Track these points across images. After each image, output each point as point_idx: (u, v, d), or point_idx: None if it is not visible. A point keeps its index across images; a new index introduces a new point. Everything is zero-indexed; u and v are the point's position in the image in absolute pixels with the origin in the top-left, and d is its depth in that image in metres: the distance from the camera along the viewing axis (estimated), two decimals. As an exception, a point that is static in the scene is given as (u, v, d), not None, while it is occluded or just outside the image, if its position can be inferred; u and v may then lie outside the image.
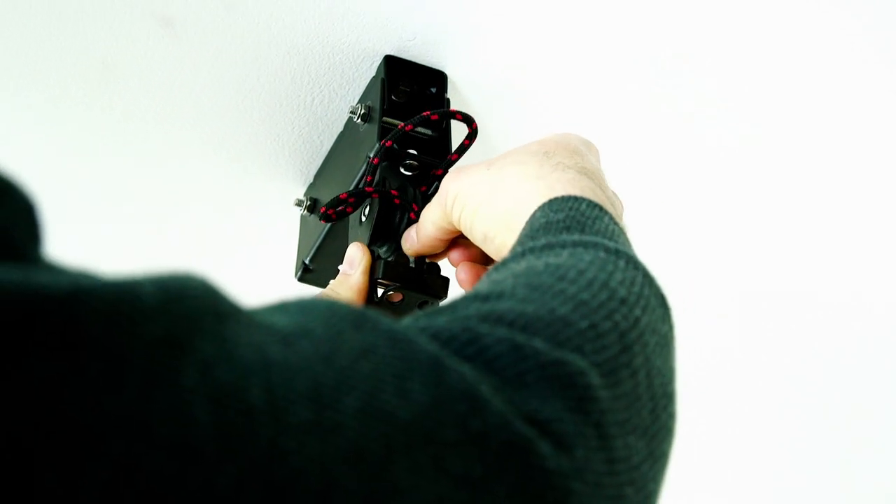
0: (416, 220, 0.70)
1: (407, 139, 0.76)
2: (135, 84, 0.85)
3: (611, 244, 0.50)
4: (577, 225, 0.53)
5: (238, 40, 0.80)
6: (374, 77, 0.81)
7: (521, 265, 0.48)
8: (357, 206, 0.72)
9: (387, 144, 0.71)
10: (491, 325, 0.42)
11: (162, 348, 0.31)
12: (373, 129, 0.77)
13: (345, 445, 0.33)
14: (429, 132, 0.78)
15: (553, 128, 0.85)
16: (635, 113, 0.85)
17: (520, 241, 0.53)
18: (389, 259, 0.71)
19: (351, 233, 0.76)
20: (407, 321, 0.43)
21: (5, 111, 0.89)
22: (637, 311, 0.46)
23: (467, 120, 0.71)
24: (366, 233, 0.73)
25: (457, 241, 0.68)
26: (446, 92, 0.80)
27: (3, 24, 0.81)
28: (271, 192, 0.93)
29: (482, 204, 0.61)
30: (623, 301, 0.45)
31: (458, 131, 0.80)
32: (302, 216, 0.91)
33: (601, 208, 0.55)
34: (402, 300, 0.71)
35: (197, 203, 0.97)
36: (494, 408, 0.37)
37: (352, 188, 0.77)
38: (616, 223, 0.55)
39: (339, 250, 0.84)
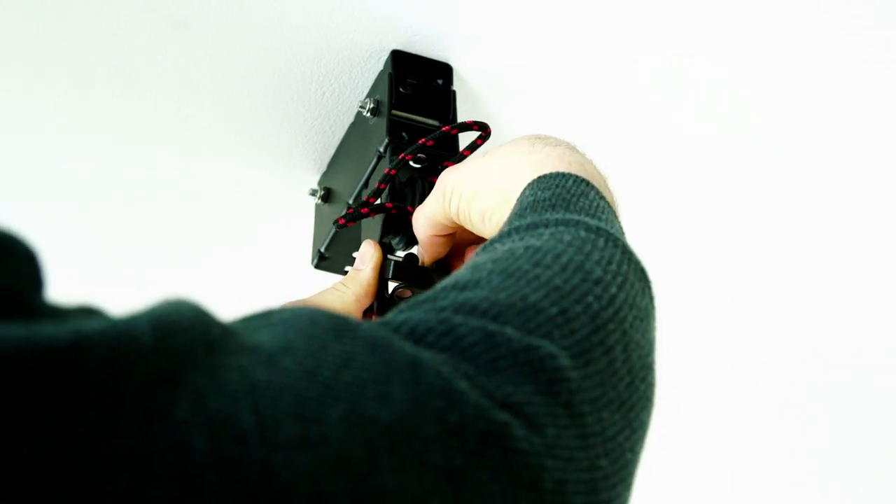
0: None
1: (417, 131, 0.79)
2: (152, 84, 0.88)
3: (592, 222, 0.52)
4: (562, 202, 0.55)
5: (250, 39, 0.83)
6: (381, 71, 0.83)
7: (505, 246, 0.51)
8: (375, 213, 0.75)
9: (407, 158, 0.74)
10: (465, 315, 0.44)
11: (157, 384, 0.34)
12: (382, 122, 0.80)
13: (331, 455, 0.36)
14: (436, 123, 0.81)
15: (559, 117, 0.88)
16: (642, 106, 0.87)
17: (508, 221, 0.55)
18: (399, 258, 0.74)
19: (364, 223, 0.79)
20: (390, 315, 0.46)
21: (28, 109, 0.92)
22: (613, 289, 0.48)
23: (482, 127, 0.74)
24: (378, 225, 0.76)
25: (464, 252, 0.71)
26: (452, 84, 0.83)
27: (20, 26, 0.84)
28: (286, 181, 0.96)
29: (478, 188, 0.64)
30: (598, 281, 0.48)
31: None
32: (316, 205, 0.94)
33: (587, 183, 0.57)
34: (412, 296, 0.74)
35: (215, 194, 1.00)
36: (470, 399, 0.40)
37: (359, 190, 0.80)
38: (602, 197, 0.57)
39: (354, 238, 0.87)
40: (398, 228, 0.75)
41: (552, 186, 0.57)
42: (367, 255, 0.74)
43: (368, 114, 0.82)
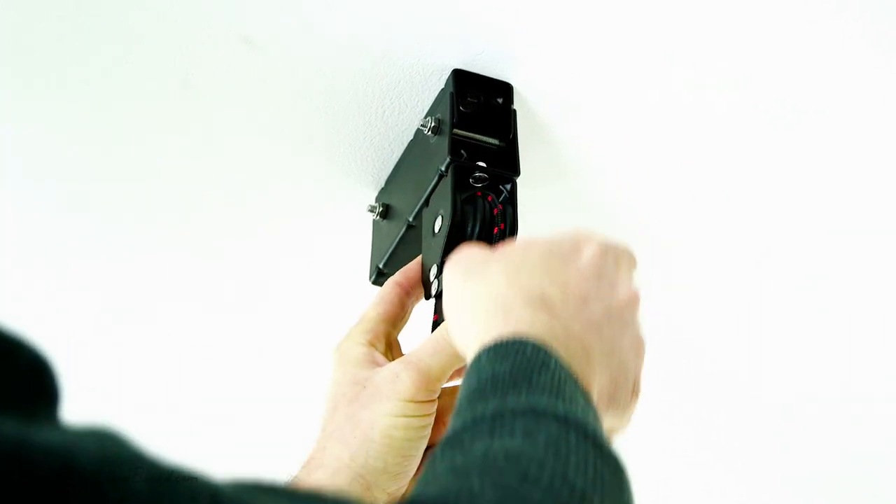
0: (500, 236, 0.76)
1: (477, 150, 0.80)
2: (215, 99, 0.89)
3: (560, 408, 0.51)
4: (523, 378, 0.53)
5: (314, 57, 0.84)
6: (442, 90, 0.84)
7: (478, 449, 0.49)
8: None
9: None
10: None
11: None
12: (443, 141, 0.81)
13: None
14: (496, 142, 0.81)
15: (618, 135, 0.89)
16: (703, 124, 0.87)
17: (468, 399, 0.53)
18: None
19: (424, 242, 0.80)
20: None
21: (94, 126, 0.94)
22: (595, 502, 0.48)
23: None
24: (439, 244, 0.76)
25: None
26: (512, 103, 0.83)
27: (84, 43, 0.86)
28: (345, 196, 0.97)
29: (450, 323, 0.64)
30: (583, 496, 0.47)
31: (526, 141, 0.84)
32: (374, 221, 0.95)
33: (547, 352, 0.55)
34: None
35: (273, 209, 1.02)
36: None
37: (419, 208, 0.83)
38: (562, 367, 0.55)
39: (413, 255, 0.88)
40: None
41: (510, 355, 0.55)
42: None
43: (429, 132, 0.82)
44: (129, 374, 1.23)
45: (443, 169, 0.79)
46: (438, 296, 0.76)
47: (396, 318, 0.79)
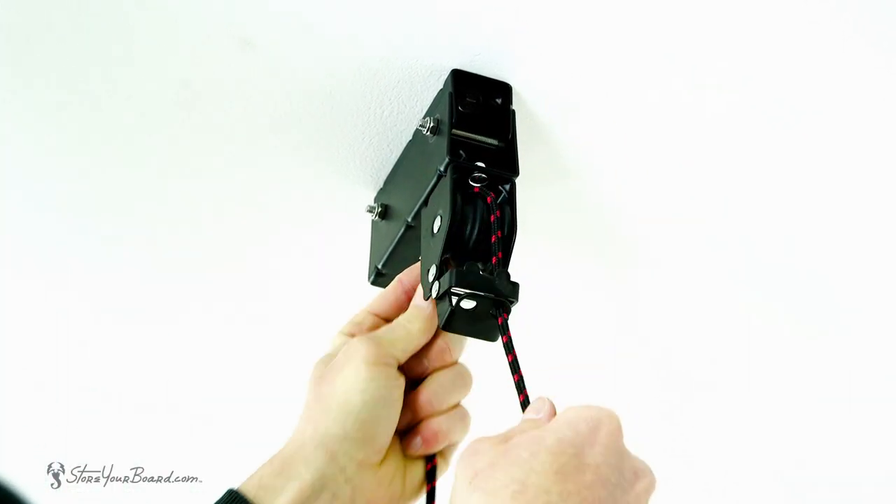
0: (501, 238, 0.76)
1: (476, 150, 0.80)
2: (216, 100, 0.89)
3: None
4: None
5: (313, 58, 0.84)
6: (441, 90, 0.84)
7: None
8: None
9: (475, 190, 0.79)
10: None
11: None
12: (442, 142, 0.81)
13: None
14: (495, 142, 0.81)
15: (616, 135, 0.88)
16: (703, 128, 0.87)
17: None
18: (461, 268, 0.75)
19: (423, 242, 0.80)
20: None
21: (93, 126, 0.94)
22: None
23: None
24: (438, 245, 0.76)
25: None
26: (511, 103, 0.83)
27: (84, 43, 0.86)
28: (343, 197, 0.97)
29: None
30: None
31: (525, 142, 0.84)
32: (373, 222, 0.95)
33: None
34: (476, 306, 0.75)
35: (270, 209, 1.02)
36: None
37: (417, 208, 0.83)
38: None
39: (412, 256, 0.88)
40: (457, 248, 0.76)
41: None
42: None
43: (428, 132, 0.82)
44: (129, 374, 1.23)
45: (441, 169, 0.79)
46: (439, 298, 0.76)
47: (388, 313, 0.81)
